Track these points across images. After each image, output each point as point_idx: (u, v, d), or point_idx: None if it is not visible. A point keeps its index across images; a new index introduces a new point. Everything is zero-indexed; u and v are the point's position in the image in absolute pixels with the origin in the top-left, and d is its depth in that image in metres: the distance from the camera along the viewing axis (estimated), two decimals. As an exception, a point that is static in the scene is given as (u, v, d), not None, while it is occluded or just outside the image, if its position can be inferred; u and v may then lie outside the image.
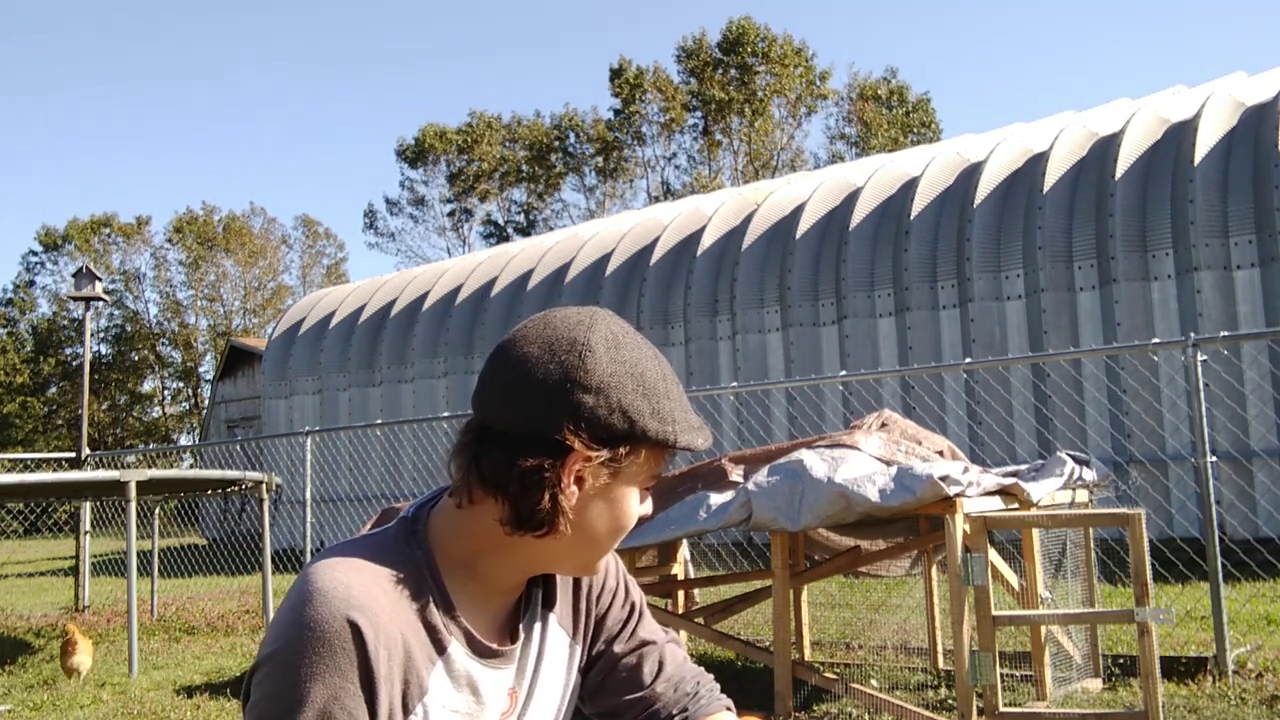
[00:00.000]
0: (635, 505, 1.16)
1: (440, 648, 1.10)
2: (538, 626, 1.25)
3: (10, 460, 21.21)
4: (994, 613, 4.28)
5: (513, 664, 1.19)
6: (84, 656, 6.93)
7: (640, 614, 1.37)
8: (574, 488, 1.10)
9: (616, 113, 41.92)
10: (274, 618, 1.07)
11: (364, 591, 1.04)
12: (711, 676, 1.41)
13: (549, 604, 1.27)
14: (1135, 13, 64.35)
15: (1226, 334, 6.14)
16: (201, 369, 45.96)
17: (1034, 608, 4.76)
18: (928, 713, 4.59)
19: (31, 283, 46.61)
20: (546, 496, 1.08)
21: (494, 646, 1.16)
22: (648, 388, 1.11)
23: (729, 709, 1.38)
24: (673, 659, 1.37)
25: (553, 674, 1.27)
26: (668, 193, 41.12)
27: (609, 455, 1.09)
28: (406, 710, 1.06)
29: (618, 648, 1.34)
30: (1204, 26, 63.89)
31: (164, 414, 46.48)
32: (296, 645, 1.01)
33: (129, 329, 45.28)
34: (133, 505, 7.24)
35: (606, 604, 1.34)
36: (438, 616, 1.10)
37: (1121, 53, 64.98)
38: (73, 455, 12.10)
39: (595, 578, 1.33)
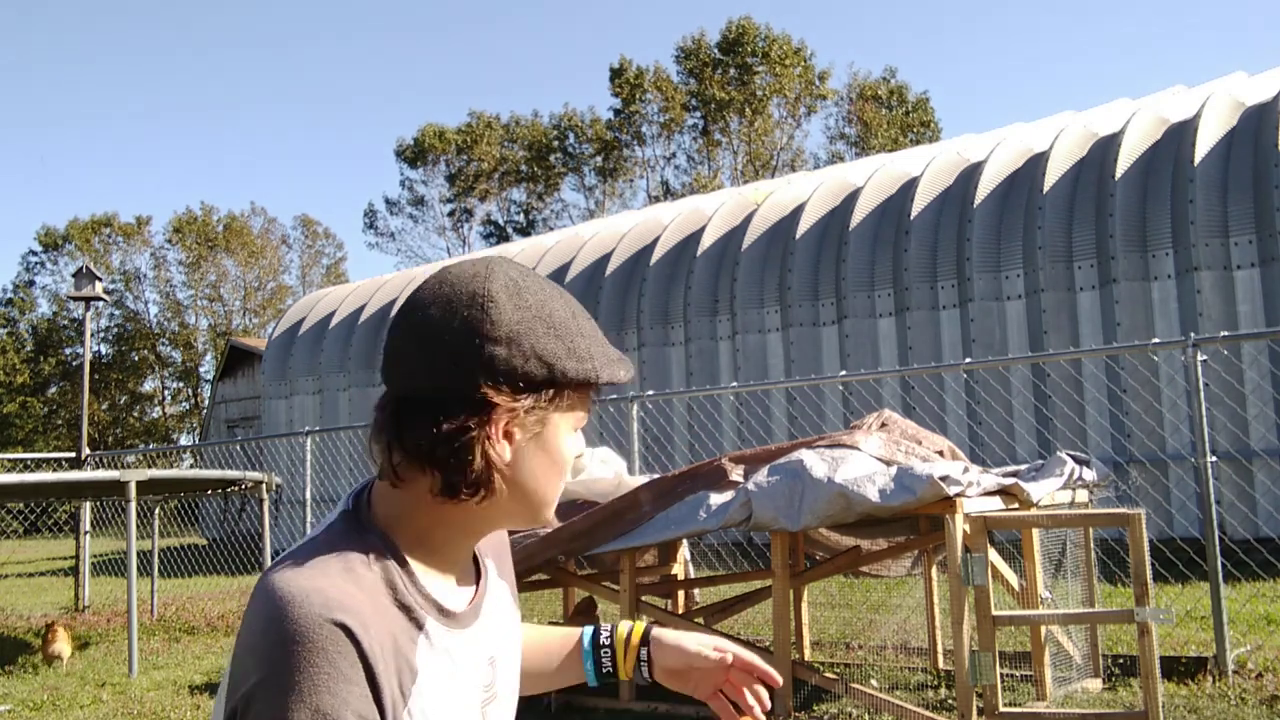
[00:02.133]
0: (570, 448, 1.13)
1: (418, 626, 1.07)
2: (493, 592, 1.23)
3: (10, 460, 21.21)
4: (994, 613, 4.28)
5: (476, 627, 1.17)
6: (63, 645, 7.35)
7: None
8: (504, 443, 1.07)
9: (616, 112, 41.94)
10: (241, 646, 1.00)
11: (338, 590, 1.00)
12: None
13: (500, 570, 1.27)
14: (1135, 13, 64.38)
15: (1226, 334, 6.14)
16: (201, 369, 45.99)
17: (1034, 608, 4.76)
18: (928, 713, 4.59)
19: (31, 283, 46.64)
20: (478, 457, 1.05)
21: (459, 612, 1.13)
22: (559, 328, 1.08)
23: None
24: None
25: (510, 638, 1.26)
26: (667, 193, 41.12)
27: (533, 403, 1.07)
28: (405, 696, 1.03)
29: None
30: (1204, 26, 63.92)
31: (164, 414, 46.48)
32: (288, 663, 0.95)
33: (129, 329, 45.28)
34: (133, 505, 7.24)
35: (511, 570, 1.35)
36: (410, 596, 1.07)
37: (1121, 53, 65.00)
38: (73, 455, 12.11)
39: (507, 548, 1.33)
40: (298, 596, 0.98)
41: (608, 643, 1.39)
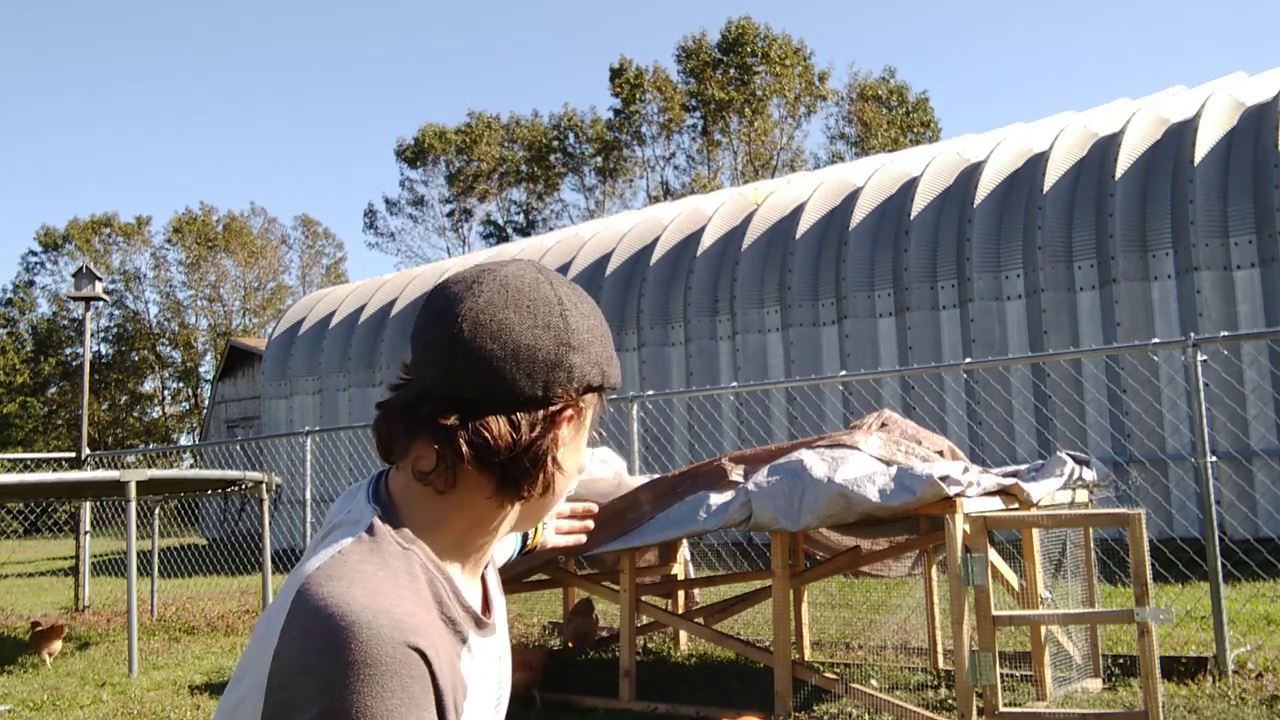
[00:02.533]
0: (583, 443, 1.16)
1: (463, 639, 1.05)
2: (493, 582, 1.23)
3: (10, 460, 21.21)
4: (994, 613, 4.28)
5: (496, 628, 1.16)
6: (58, 644, 7.76)
7: None
8: (560, 445, 1.09)
9: (616, 112, 41.95)
10: (287, 667, 0.93)
11: (404, 610, 0.95)
12: None
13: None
14: (1135, 13, 64.38)
15: (1226, 334, 6.14)
16: (201, 369, 46.00)
17: (1034, 608, 4.76)
18: (928, 713, 4.59)
19: (31, 283, 46.64)
20: (550, 461, 1.07)
21: (486, 620, 1.12)
22: (606, 337, 1.12)
23: None
24: None
25: (505, 628, 1.26)
26: (667, 193, 41.13)
27: (585, 407, 1.11)
28: (459, 713, 1.00)
29: None
30: (1204, 26, 63.92)
31: (164, 414, 46.48)
32: (359, 689, 0.89)
33: (129, 329, 45.28)
34: (133, 505, 7.24)
35: None
36: (454, 609, 1.04)
37: (1121, 53, 65.00)
38: (73, 455, 12.11)
39: None
40: (364, 617, 0.92)
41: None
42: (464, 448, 1.03)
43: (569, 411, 1.08)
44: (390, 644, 0.91)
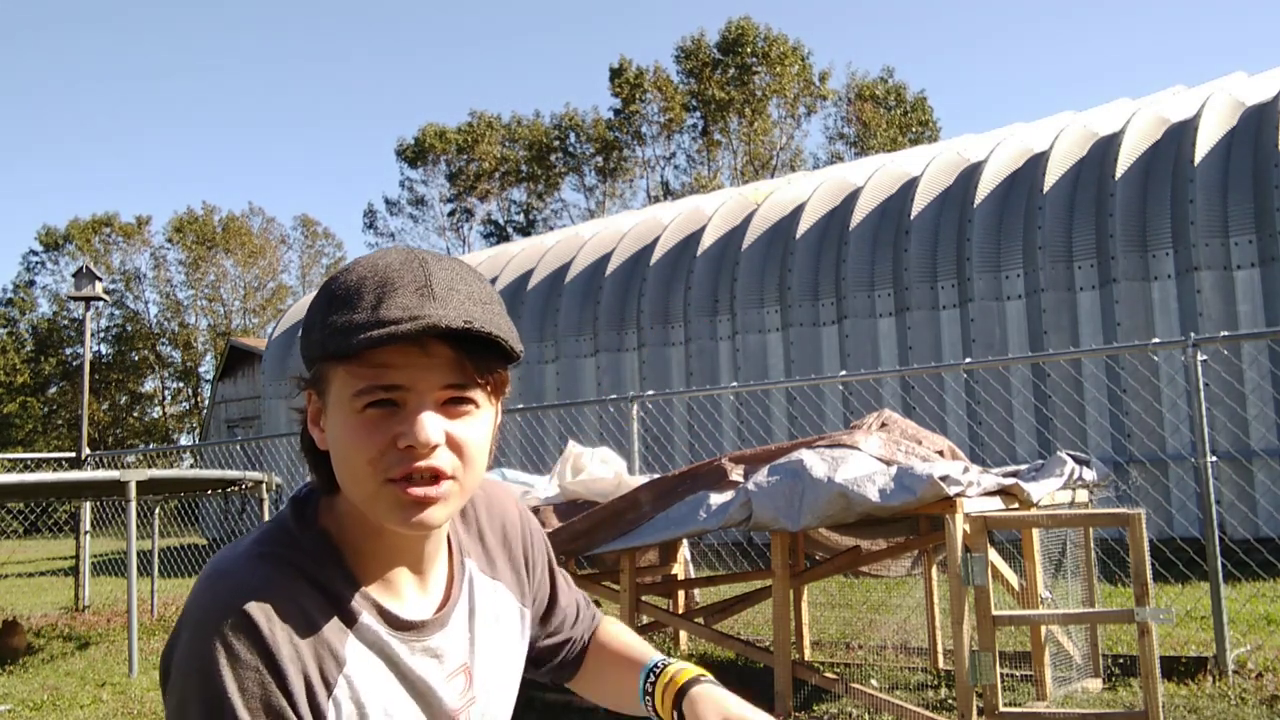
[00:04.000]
0: (350, 423, 1.03)
1: (350, 619, 1.07)
2: (483, 596, 1.22)
3: (10, 460, 21.21)
4: (994, 613, 4.28)
5: (440, 636, 1.14)
6: (22, 638, 7.86)
7: (554, 569, 1.41)
8: (316, 429, 1.10)
9: (616, 112, 41.95)
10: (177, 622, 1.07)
11: (250, 574, 1.04)
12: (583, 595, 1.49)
13: (492, 571, 1.26)
14: (1135, 13, 64.37)
15: (1226, 334, 6.14)
16: (201, 369, 46.00)
17: (1034, 608, 4.76)
18: (928, 713, 4.59)
19: (32, 283, 46.65)
20: (307, 444, 1.12)
21: (408, 619, 1.11)
22: (335, 300, 1.03)
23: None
24: (573, 599, 1.45)
25: (505, 643, 1.24)
26: (667, 193, 41.12)
27: (311, 382, 1.08)
28: (329, 685, 1.04)
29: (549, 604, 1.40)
30: (1204, 26, 63.91)
31: (164, 414, 46.47)
32: (192, 648, 1.01)
33: (129, 329, 45.28)
34: (133, 505, 7.24)
35: (533, 564, 1.35)
36: (342, 589, 1.08)
37: (1121, 53, 64.99)
38: (73, 455, 12.10)
39: (524, 540, 1.33)
40: (212, 582, 1.05)
41: (650, 686, 1.31)
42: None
43: (310, 394, 1.09)
44: (222, 607, 1.01)
